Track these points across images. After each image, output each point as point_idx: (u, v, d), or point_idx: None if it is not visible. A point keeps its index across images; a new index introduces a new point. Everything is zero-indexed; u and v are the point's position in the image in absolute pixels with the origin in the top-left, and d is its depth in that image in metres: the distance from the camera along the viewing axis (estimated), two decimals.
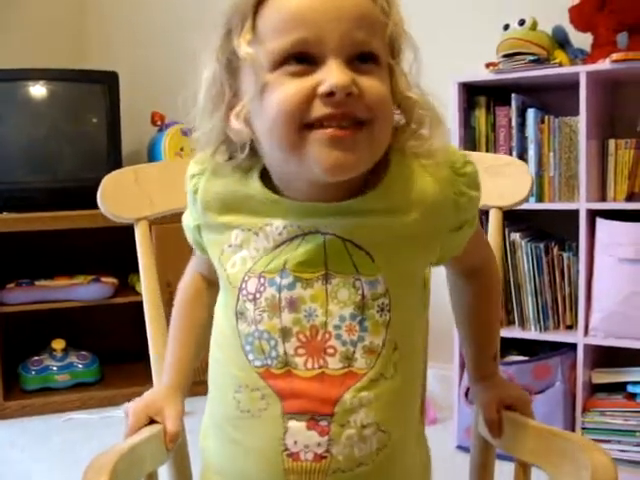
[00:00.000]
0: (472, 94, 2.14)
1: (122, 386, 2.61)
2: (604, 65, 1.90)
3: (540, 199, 2.05)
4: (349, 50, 0.65)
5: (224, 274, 0.75)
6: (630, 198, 1.97)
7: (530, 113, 2.05)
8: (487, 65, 2.09)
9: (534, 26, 2.03)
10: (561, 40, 2.08)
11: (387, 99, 0.68)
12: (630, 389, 1.93)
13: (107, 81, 2.69)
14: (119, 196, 0.99)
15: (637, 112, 2.03)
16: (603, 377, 2.00)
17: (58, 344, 2.69)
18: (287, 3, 0.65)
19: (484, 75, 2.09)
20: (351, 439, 0.70)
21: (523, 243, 2.06)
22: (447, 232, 0.74)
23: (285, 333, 0.71)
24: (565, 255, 2.05)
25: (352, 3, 0.66)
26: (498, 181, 0.76)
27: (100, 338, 2.83)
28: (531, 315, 2.07)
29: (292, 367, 0.71)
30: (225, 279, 0.75)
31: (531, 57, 1.99)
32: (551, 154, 2.04)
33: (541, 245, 2.05)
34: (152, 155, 2.86)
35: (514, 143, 2.08)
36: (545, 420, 0.84)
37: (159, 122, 2.85)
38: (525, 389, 0.90)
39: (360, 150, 0.66)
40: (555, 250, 2.06)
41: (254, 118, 0.69)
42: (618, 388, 1.97)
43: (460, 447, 2.03)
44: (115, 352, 2.79)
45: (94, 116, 2.74)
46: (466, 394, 2.07)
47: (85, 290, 2.65)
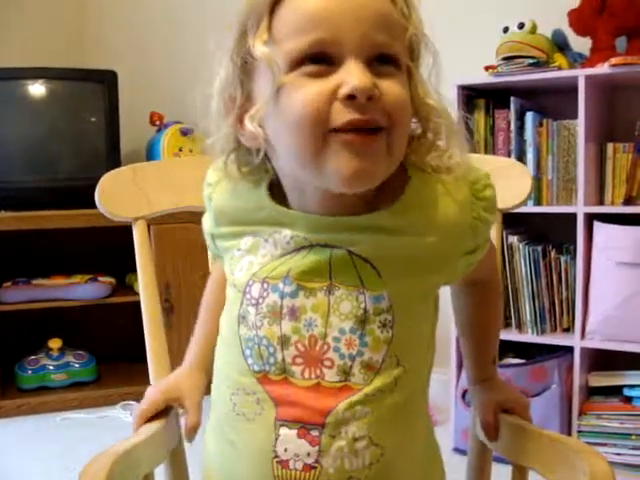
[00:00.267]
0: (471, 97, 2.14)
1: (119, 386, 2.61)
2: (603, 69, 1.90)
3: (538, 202, 2.05)
4: (368, 51, 0.64)
5: (231, 278, 0.75)
6: (628, 202, 1.97)
7: (529, 116, 2.06)
8: (486, 68, 2.09)
9: (534, 29, 2.04)
10: (560, 44, 2.08)
11: (407, 105, 0.66)
12: (626, 392, 1.94)
13: (106, 81, 2.68)
14: (117, 195, 0.98)
15: (635, 116, 2.03)
16: (599, 380, 2.00)
17: (55, 343, 2.68)
18: (304, 3, 0.64)
19: (483, 78, 2.09)
20: (341, 451, 0.68)
21: (521, 246, 2.06)
22: (461, 255, 0.73)
23: (284, 341, 0.70)
24: (563, 258, 2.06)
25: (372, 4, 0.64)
26: (498, 183, 0.76)
27: (97, 337, 2.83)
28: (528, 318, 2.07)
29: (289, 375, 0.70)
30: (231, 283, 0.75)
31: (530, 60, 1.99)
32: (549, 157, 2.04)
33: (539, 248, 2.06)
34: (151, 155, 2.85)
35: (512, 146, 2.08)
36: (541, 423, 0.84)
37: (158, 122, 2.85)
38: (522, 392, 0.90)
39: (379, 159, 0.64)
40: (553, 253, 2.06)
41: (269, 121, 0.66)
42: (614, 391, 1.97)
43: (457, 449, 2.03)
44: (112, 351, 2.80)
45: (93, 115, 2.74)
46: (463, 396, 2.07)
47: (82, 289, 2.64)
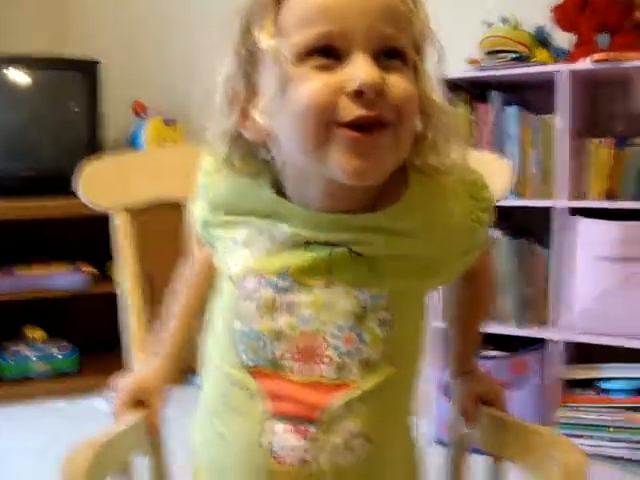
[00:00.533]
0: (452, 90, 2.14)
1: (100, 376, 2.59)
2: (585, 64, 1.91)
3: (520, 196, 2.06)
4: (375, 44, 0.63)
5: (226, 270, 0.74)
6: (609, 196, 1.99)
7: (511, 110, 2.06)
8: (470, 62, 2.09)
9: (517, 24, 2.04)
10: (543, 39, 2.09)
11: (415, 100, 0.66)
12: (604, 385, 1.96)
13: (87, 69, 2.67)
14: (98, 184, 0.97)
15: (617, 111, 2.04)
16: (575, 373, 2.01)
17: (33, 332, 2.67)
18: None
19: (465, 71, 2.09)
20: (335, 447, 0.68)
21: (504, 239, 2.07)
22: (459, 256, 0.74)
23: (278, 336, 0.69)
24: (545, 252, 2.07)
25: None
26: None
27: (78, 327, 2.80)
28: (509, 310, 2.08)
29: (283, 370, 0.69)
30: (226, 275, 0.74)
31: (513, 55, 2.00)
32: (531, 152, 2.05)
33: (521, 242, 2.07)
34: (133, 145, 2.84)
35: (494, 140, 2.09)
36: (521, 415, 0.85)
37: (140, 112, 2.83)
38: (502, 384, 0.91)
39: (384, 155, 0.64)
40: (534, 247, 2.08)
41: (274, 114, 0.65)
42: (592, 384, 1.99)
43: (439, 441, 2.04)
44: (93, 341, 2.78)
45: (74, 104, 2.72)
46: (444, 390, 2.08)
47: (64, 279, 2.63)
